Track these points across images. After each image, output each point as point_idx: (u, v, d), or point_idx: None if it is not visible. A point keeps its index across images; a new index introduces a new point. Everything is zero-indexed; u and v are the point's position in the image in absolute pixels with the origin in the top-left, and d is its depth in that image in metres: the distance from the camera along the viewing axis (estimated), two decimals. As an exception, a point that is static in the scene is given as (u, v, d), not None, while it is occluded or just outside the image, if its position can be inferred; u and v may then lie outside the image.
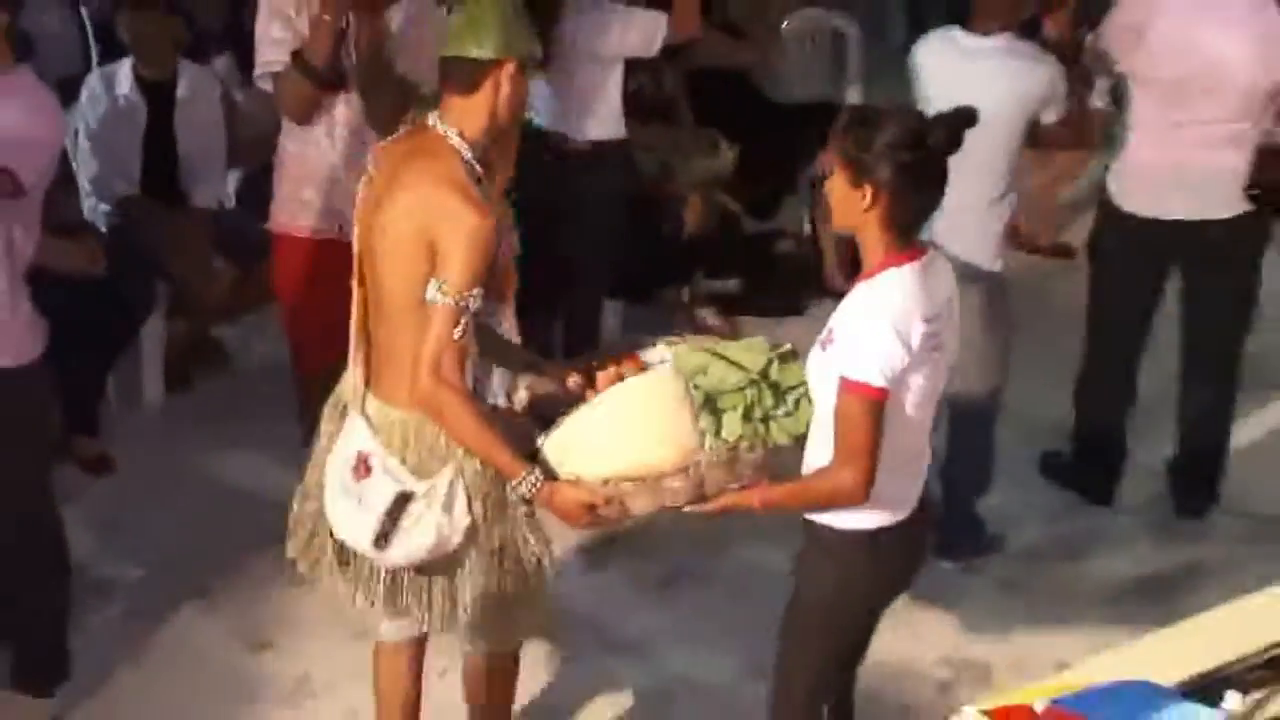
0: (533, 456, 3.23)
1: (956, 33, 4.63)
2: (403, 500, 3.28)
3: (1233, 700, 2.33)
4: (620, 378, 3.36)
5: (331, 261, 4.38)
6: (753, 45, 6.69)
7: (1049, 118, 4.58)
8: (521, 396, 3.45)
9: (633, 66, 5.52)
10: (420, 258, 3.17)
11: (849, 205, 3.10)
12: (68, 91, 5.35)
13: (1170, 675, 2.54)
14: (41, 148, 3.75)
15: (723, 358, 3.29)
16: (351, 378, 3.40)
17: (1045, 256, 6.78)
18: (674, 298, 6.26)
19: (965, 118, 3.12)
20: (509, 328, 3.62)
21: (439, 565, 3.38)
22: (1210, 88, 4.58)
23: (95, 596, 4.52)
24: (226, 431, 5.38)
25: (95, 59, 6.15)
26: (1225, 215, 4.72)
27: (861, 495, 3.11)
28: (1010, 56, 4.54)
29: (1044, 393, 5.24)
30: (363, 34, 4.26)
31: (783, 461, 3.24)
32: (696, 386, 3.22)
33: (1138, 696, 2.42)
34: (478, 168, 3.23)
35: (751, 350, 3.31)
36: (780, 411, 3.24)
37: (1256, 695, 2.53)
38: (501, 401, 3.48)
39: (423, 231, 3.17)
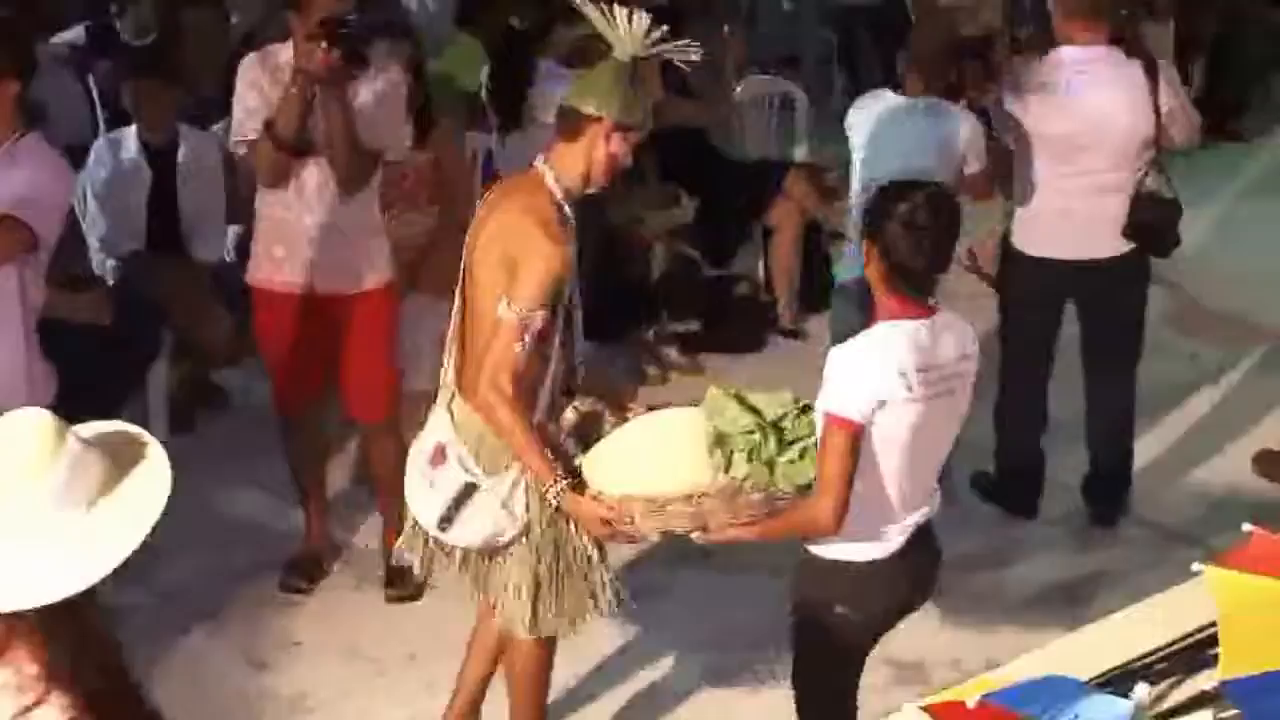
0: (575, 471, 3.40)
1: (887, 93, 4.78)
2: (469, 490, 3.50)
3: (1141, 691, 2.40)
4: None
5: (302, 313, 4.52)
6: (710, 108, 6.78)
7: (972, 168, 4.75)
8: (568, 416, 3.60)
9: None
10: (501, 276, 3.40)
11: (866, 260, 3.26)
12: (77, 156, 5.41)
13: (1088, 670, 2.62)
14: (51, 207, 3.84)
15: (744, 403, 3.33)
16: (444, 375, 3.60)
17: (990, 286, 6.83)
18: (641, 338, 6.32)
19: (926, 188, 3.26)
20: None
21: (492, 552, 3.58)
22: (1091, 143, 4.76)
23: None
24: (228, 469, 5.38)
25: (102, 126, 6.24)
26: (1110, 255, 4.87)
27: (833, 524, 3.17)
28: (935, 114, 4.70)
29: (974, 415, 5.30)
30: (329, 106, 4.28)
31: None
32: (713, 425, 3.30)
33: (1059, 690, 2.49)
34: (566, 207, 3.45)
35: (773, 401, 3.34)
36: (784, 459, 3.26)
37: (1162, 686, 2.62)
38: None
39: (505, 253, 3.40)
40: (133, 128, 5.68)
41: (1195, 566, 2.40)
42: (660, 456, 3.35)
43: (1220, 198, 8.01)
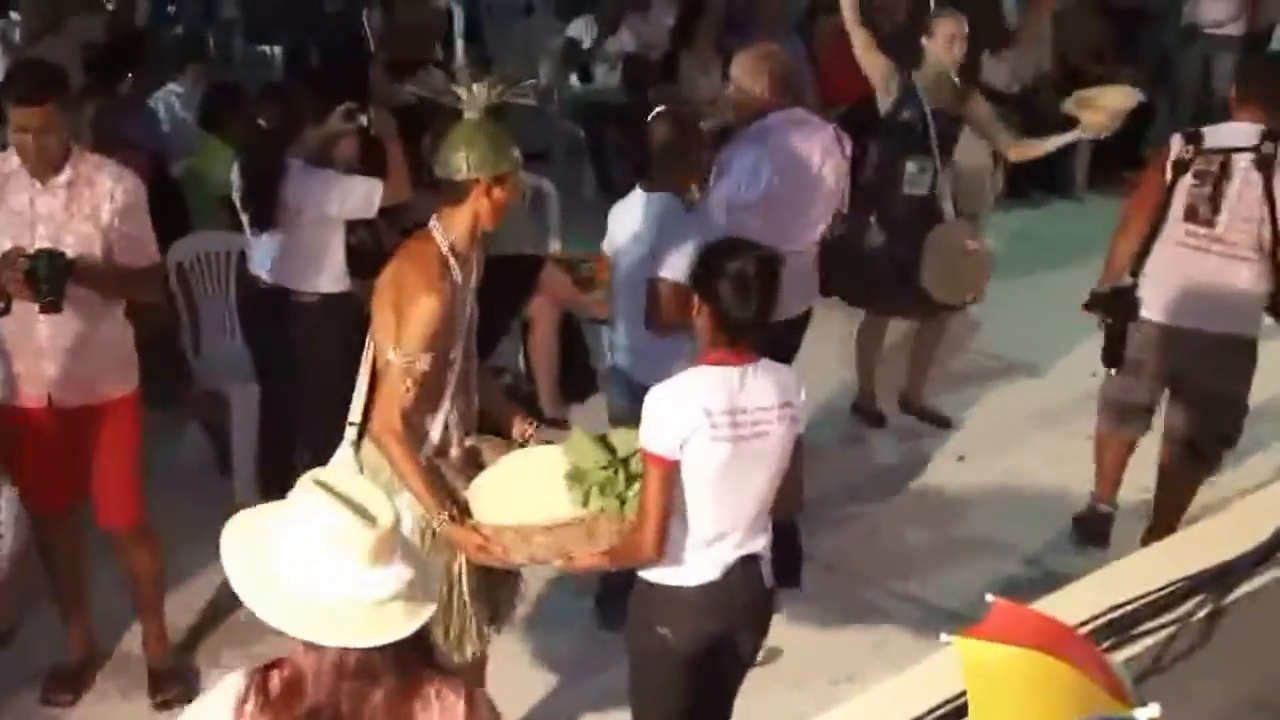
0: (461, 504, 3.75)
1: (637, 191, 4.99)
2: None
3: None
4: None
5: (45, 423, 4.46)
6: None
7: None
8: (454, 453, 3.93)
9: (353, 225, 5.67)
10: (391, 321, 3.73)
11: (694, 310, 3.56)
12: None
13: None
14: None
15: (603, 442, 3.65)
16: (351, 413, 3.89)
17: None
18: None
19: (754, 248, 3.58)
20: None
21: None
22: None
23: None
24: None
25: None
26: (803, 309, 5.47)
27: (651, 551, 3.49)
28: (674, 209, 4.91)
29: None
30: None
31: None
32: (570, 462, 3.63)
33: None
34: (451, 259, 3.73)
35: (628, 439, 3.62)
36: (632, 493, 3.57)
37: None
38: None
39: (393, 300, 3.73)
40: None
41: (944, 637, 2.57)
42: (528, 490, 3.68)
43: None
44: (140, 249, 4.41)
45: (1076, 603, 3.20)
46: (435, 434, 3.87)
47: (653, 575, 3.61)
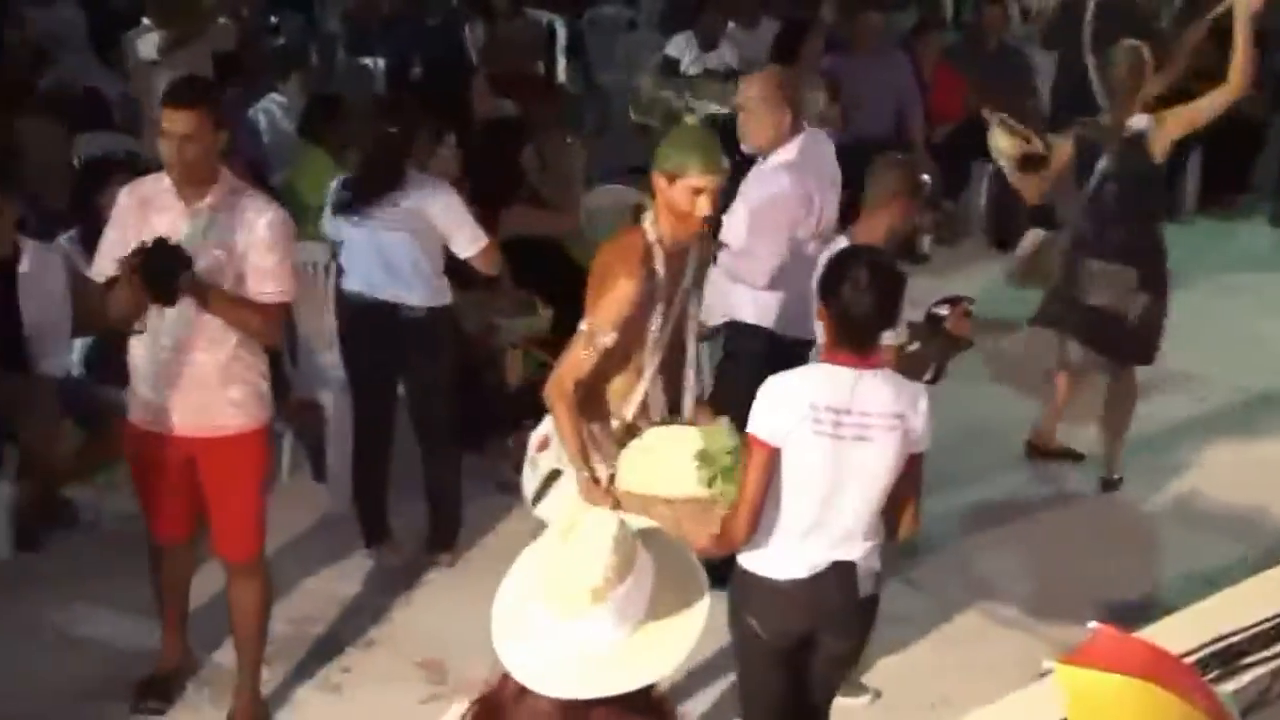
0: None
1: None
2: (555, 475, 4.22)
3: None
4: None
5: (166, 450, 4.47)
6: (561, 217, 6.92)
7: None
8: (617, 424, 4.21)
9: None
10: (591, 299, 4.11)
11: (820, 315, 3.74)
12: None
13: None
14: None
15: (739, 431, 3.81)
16: None
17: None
18: (499, 446, 6.37)
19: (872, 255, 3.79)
20: None
21: None
22: None
23: None
24: (75, 586, 5.32)
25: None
26: None
27: (743, 533, 3.67)
28: None
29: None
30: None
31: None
32: (701, 444, 3.83)
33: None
34: (656, 250, 4.07)
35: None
36: None
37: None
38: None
39: (599, 279, 4.10)
40: (-25, 242, 5.60)
41: (1046, 663, 2.51)
42: (665, 464, 3.89)
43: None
44: (270, 284, 4.35)
45: (1182, 632, 3.14)
46: (629, 412, 4.16)
47: (746, 562, 3.77)
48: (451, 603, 5.44)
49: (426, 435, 5.75)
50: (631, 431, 4.13)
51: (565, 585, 2.19)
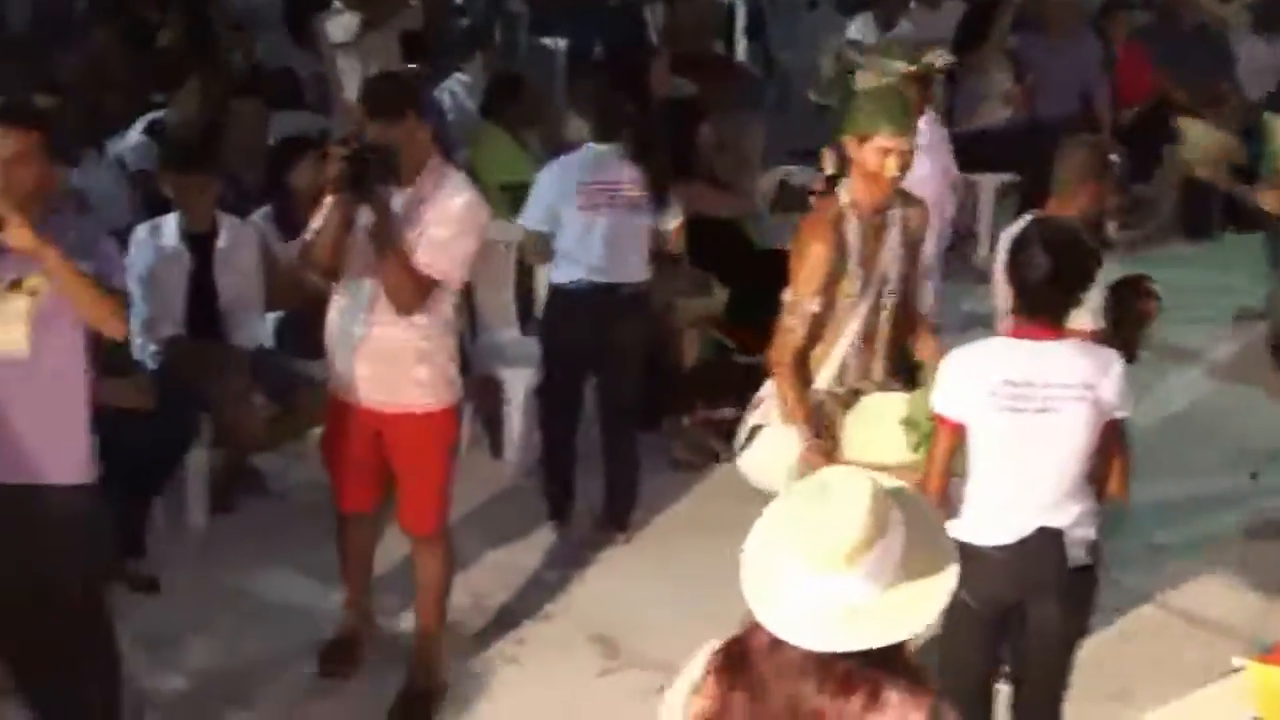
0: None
1: None
2: (758, 429, 4.49)
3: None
4: None
5: (358, 421, 4.56)
6: (737, 197, 6.92)
7: None
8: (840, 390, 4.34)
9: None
10: (793, 267, 4.28)
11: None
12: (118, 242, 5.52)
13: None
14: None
15: None
16: None
17: None
18: (675, 424, 6.41)
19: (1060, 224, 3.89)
20: None
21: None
22: None
23: (143, 709, 4.55)
24: (265, 552, 5.49)
25: (140, 213, 6.36)
26: None
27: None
28: None
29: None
30: (374, 223, 4.28)
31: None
32: (907, 411, 4.02)
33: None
34: (849, 214, 4.20)
35: None
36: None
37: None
38: None
39: (797, 250, 4.29)
40: (173, 215, 5.77)
41: (1236, 661, 2.46)
42: (878, 428, 4.09)
43: None
44: (435, 257, 4.35)
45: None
46: (825, 376, 4.30)
47: (953, 531, 3.74)
48: (626, 579, 5.50)
49: (613, 414, 5.82)
50: (846, 397, 4.27)
51: (822, 542, 2.22)
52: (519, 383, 6.13)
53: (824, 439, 4.23)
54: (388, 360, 4.46)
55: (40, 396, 3.89)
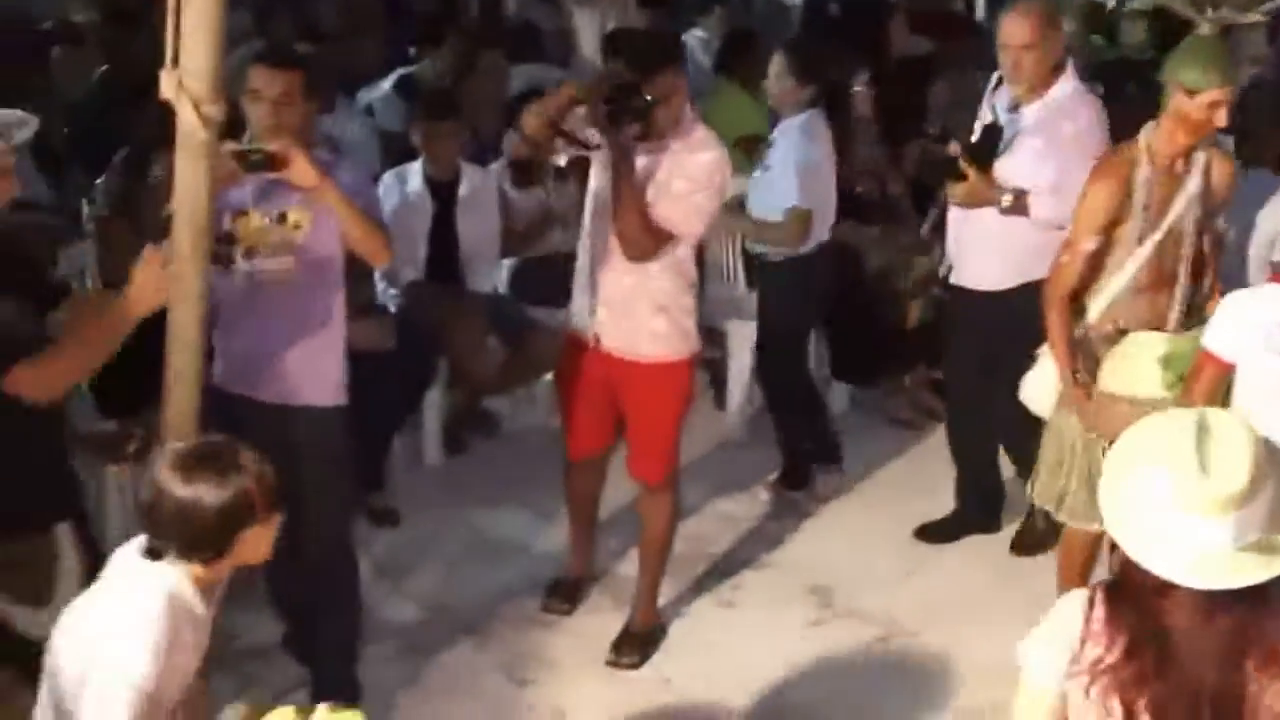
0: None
1: None
2: (1038, 356, 4.53)
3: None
4: None
5: (591, 364, 4.62)
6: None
7: None
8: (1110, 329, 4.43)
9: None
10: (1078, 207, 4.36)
11: None
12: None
13: None
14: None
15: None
16: None
17: None
18: (897, 383, 6.43)
19: None
20: None
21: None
22: None
23: (378, 634, 4.75)
24: (496, 491, 5.68)
25: (384, 164, 6.60)
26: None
27: None
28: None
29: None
30: (615, 168, 4.36)
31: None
32: (1169, 346, 4.20)
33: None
34: (1144, 160, 4.23)
35: None
36: None
37: None
38: None
39: (1084, 187, 4.33)
40: (418, 163, 5.98)
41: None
42: (1133, 365, 4.23)
43: None
44: (675, 210, 4.38)
45: None
46: (1098, 309, 4.36)
47: None
48: (842, 532, 5.57)
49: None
50: (1114, 334, 4.34)
51: (1210, 488, 2.26)
52: (742, 335, 6.22)
53: (1082, 373, 4.34)
54: (625, 309, 4.51)
55: (302, 322, 4.12)
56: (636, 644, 4.82)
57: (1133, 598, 2.38)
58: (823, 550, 5.46)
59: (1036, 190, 4.86)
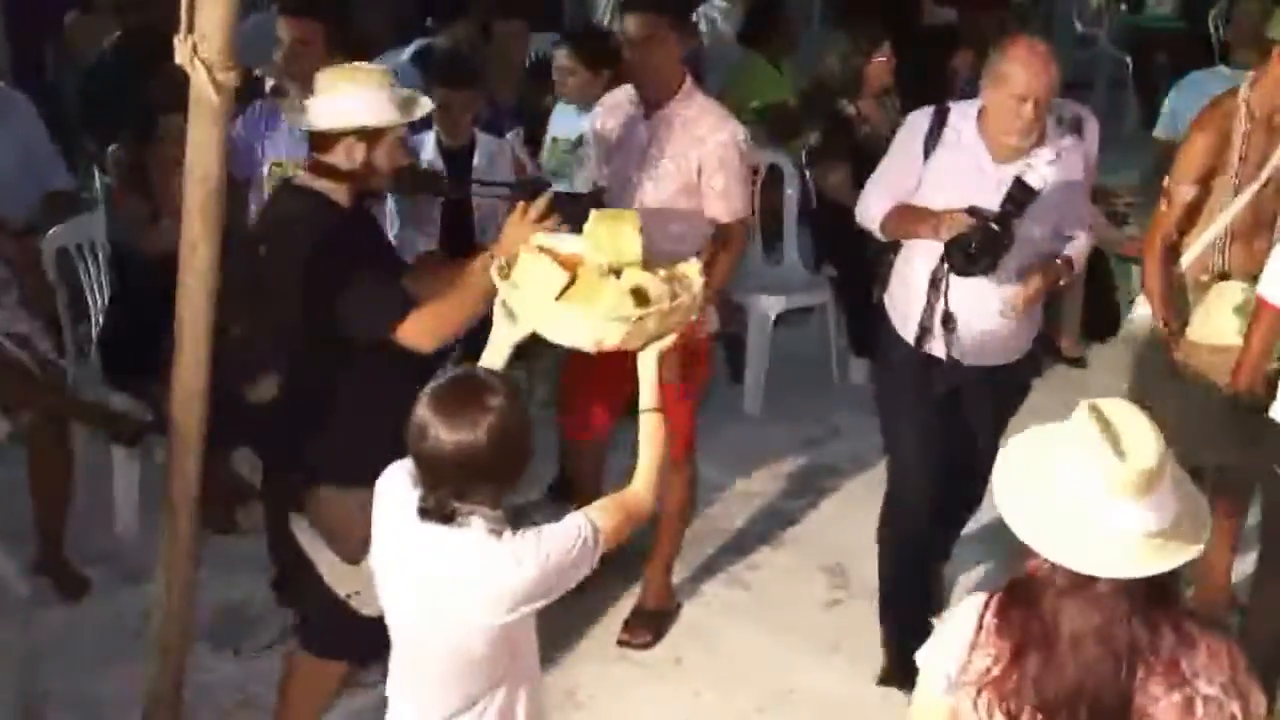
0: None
1: None
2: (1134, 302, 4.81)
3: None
4: None
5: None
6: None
7: None
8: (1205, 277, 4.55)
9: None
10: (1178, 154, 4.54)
11: None
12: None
13: None
14: None
15: None
16: None
17: None
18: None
19: None
20: None
21: None
22: None
23: None
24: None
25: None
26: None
27: (1240, 386, 4.00)
28: None
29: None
30: None
31: None
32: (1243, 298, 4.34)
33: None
34: (1242, 110, 4.38)
35: None
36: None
37: None
38: None
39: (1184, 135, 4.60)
40: (432, 132, 5.95)
41: None
42: (1215, 315, 4.33)
43: None
44: (719, 205, 4.45)
45: None
46: (1192, 257, 4.44)
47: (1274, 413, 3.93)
48: (858, 511, 5.51)
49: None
50: (1208, 282, 4.43)
51: (1123, 471, 2.22)
52: (763, 310, 6.18)
53: (1173, 320, 4.44)
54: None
55: None
56: (649, 623, 4.79)
57: (1025, 605, 2.32)
58: (839, 528, 5.43)
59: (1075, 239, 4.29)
